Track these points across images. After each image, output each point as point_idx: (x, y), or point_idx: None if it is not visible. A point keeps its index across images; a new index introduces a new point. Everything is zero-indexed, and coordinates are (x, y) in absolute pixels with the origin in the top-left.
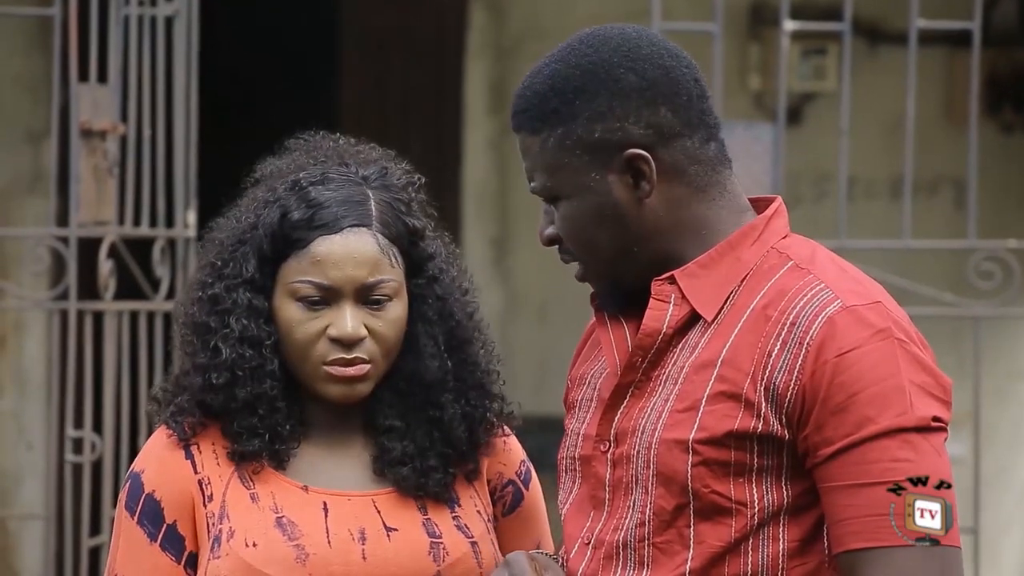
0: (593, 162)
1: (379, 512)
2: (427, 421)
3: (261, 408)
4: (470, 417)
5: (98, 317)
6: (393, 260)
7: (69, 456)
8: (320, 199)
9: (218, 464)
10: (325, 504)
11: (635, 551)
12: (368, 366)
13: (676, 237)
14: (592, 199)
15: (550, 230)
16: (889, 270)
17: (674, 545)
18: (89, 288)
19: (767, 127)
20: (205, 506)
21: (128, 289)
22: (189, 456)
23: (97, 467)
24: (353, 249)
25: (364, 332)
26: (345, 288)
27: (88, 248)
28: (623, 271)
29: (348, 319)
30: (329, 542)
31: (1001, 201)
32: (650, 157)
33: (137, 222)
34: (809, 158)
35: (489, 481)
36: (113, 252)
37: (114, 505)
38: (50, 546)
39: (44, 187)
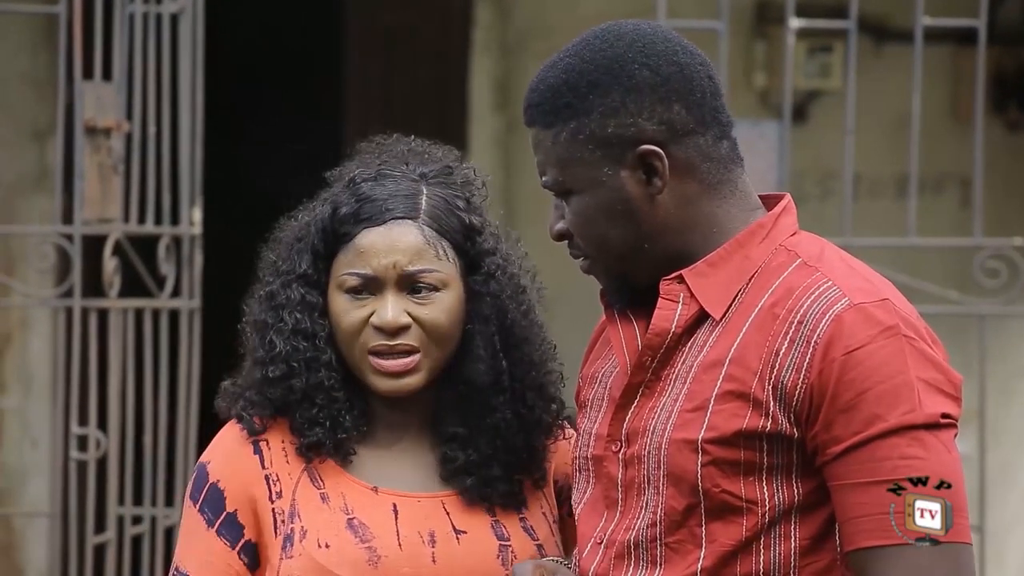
0: (605, 157)
1: (448, 514)
2: (489, 428)
3: (319, 398)
4: (526, 421)
5: (103, 314)
6: (441, 252)
7: (74, 453)
8: (370, 194)
9: (287, 462)
10: (395, 506)
11: (647, 550)
12: (415, 357)
13: (686, 234)
14: (603, 195)
15: (560, 225)
16: (894, 268)
17: (686, 544)
18: (94, 286)
19: (772, 125)
20: (272, 501)
21: (133, 287)
22: (258, 451)
23: (102, 464)
24: (395, 239)
25: (406, 320)
26: (386, 276)
27: (93, 246)
28: (632, 268)
29: (389, 306)
30: (400, 544)
31: (1006, 199)
32: (663, 153)
33: (142, 219)
34: (814, 156)
35: (556, 482)
36: (118, 249)
37: (119, 503)
38: (55, 543)
39: (49, 184)
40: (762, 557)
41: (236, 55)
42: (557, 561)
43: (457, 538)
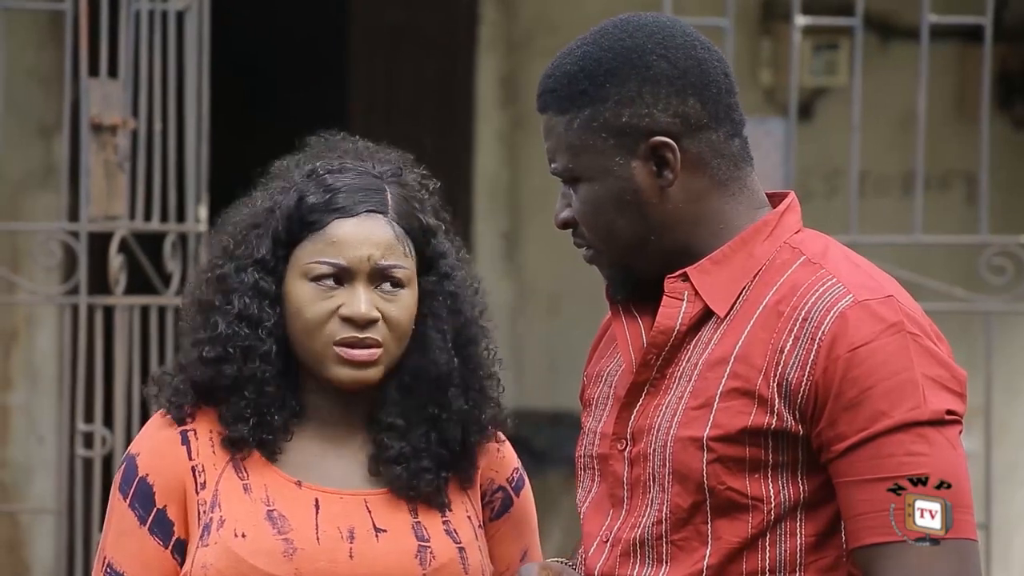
0: (618, 146)
1: (370, 512)
2: (426, 420)
3: (248, 390)
4: (466, 416)
5: (109, 312)
6: (407, 250)
7: (80, 450)
8: (338, 185)
9: (213, 452)
10: (317, 501)
11: (653, 548)
12: (379, 350)
13: (693, 230)
14: (613, 184)
15: (566, 213)
16: (900, 265)
17: (692, 542)
18: (100, 283)
19: (778, 122)
20: (197, 493)
21: (139, 284)
22: (185, 442)
23: (107, 461)
24: (369, 232)
25: (377, 314)
26: (359, 269)
27: (99, 243)
28: (636, 260)
29: (362, 299)
30: (318, 539)
31: (1013, 196)
32: (676, 146)
33: (148, 217)
34: (820, 153)
35: (480, 486)
36: (124, 247)
37: None
38: (61, 540)
39: (55, 182)
40: (768, 554)
41: (242, 52)
42: (561, 562)
43: (376, 536)
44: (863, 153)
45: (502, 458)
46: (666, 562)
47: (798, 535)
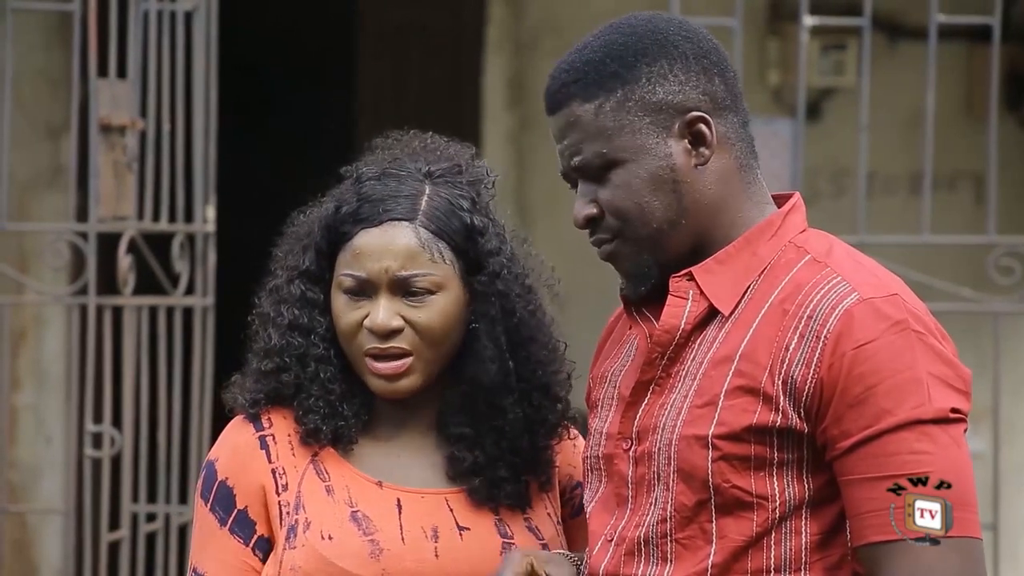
0: (654, 124)
1: (452, 511)
2: (492, 429)
3: (315, 388)
4: (531, 421)
5: (117, 312)
6: (437, 255)
7: (88, 451)
8: (370, 193)
9: (293, 455)
10: (399, 501)
11: (657, 547)
12: (408, 360)
13: (716, 216)
14: (651, 163)
15: (590, 209)
16: (908, 265)
17: (696, 540)
18: (108, 283)
19: (786, 122)
20: (279, 494)
21: (147, 284)
22: (264, 446)
23: (116, 462)
24: (389, 242)
25: (397, 323)
26: (379, 280)
27: (107, 243)
28: (664, 246)
29: (381, 310)
30: (403, 538)
31: (1021, 196)
32: (711, 120)
33: (156, 217)
34: (828, 153)
35: (559, 482)
36: (132, 247)
37: (133, 500)
38: (69, 541)
39: (64, 182)
40: (773, 552)
41: (250, 52)
42: (562, 553)
43: (460, 534)
44: (871, 153)
45: (579, 453)
46: (670, 561)
47: (803, 533)
